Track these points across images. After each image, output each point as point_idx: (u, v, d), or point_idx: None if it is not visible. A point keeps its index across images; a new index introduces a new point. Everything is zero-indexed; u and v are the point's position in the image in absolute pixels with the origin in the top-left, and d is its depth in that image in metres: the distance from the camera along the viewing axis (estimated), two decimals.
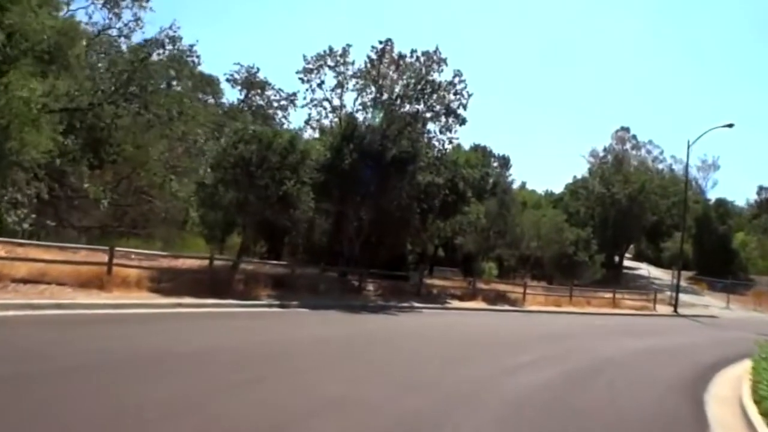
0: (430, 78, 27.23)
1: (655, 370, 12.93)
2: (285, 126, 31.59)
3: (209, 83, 48.85)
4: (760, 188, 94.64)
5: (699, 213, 63.85)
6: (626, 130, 71.21)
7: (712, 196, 73.64)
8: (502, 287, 31.53)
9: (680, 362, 14.37)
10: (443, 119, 28.43)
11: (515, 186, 69.19)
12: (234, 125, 22.95)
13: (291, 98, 37.22)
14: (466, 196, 29.21)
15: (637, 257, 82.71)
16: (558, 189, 72.64)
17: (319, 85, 28.22)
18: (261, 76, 40.72)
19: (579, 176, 68.46)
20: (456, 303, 25.94)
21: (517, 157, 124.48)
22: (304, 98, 28.72)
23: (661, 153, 69.05)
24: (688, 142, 36.22)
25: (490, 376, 10.04)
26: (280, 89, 38.24)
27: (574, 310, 29.47)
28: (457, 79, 28.14)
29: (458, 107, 28.21)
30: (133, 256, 21.86)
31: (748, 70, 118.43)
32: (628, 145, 73.22)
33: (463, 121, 28.41)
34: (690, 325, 27.83)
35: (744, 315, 37.03)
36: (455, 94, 28.16)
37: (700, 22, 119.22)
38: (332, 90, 28.22)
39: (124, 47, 26.90)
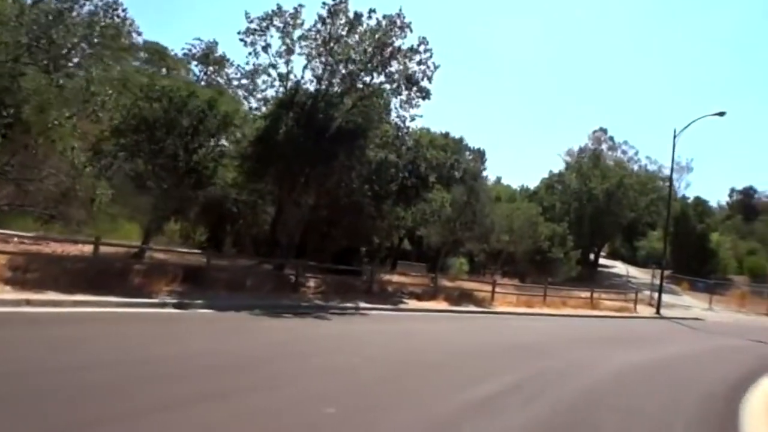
0: (390, 42, 23.49)
1: (665, 405, 9.41)
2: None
3: (162, 56, 44.79)
4: (732, 190, 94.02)
5: (677, 211, 61.14)
6: (604, 131, 68.49)
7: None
8: (469, 285, 28.07)
9: (690, 390, 10.85)
10: (404, 92, 24.77)
11: (490, 181, 66.42)
12: (139, 80, 18.98)
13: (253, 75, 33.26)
14: (428, 180, 25.63)
15: (612, 255, 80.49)
16: (534, 185, 69.62)
17: (264, 49, 24.27)
18: (222, 52, 36.47)
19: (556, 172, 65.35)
20: (413, 303, 22.33)
21: (494, 154, 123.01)
22: (246, 63, 24.85)
23: (636, 154, 66.42)
24: (675, 131, 33.16)
25: None
26: (240, 66, 34.15)
27: (548, 311, 26.11)
28: (422, 48, 24.54)
29: (422, 78, 24.60)
30: (16, 239, 18.02)
31: (723, 75, 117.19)
32: (604, 146, 70.37)
33: (426, 94, 24.74)
34: (678, 330, 24.61)
35: (729, 317, 34.07)
36: (419, 63, 24.52)
37: (679, 26, 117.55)
38: (279, 55, 24.35)
39: None
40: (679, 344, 18.85)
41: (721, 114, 31.58)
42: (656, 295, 34.90)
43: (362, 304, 19.68)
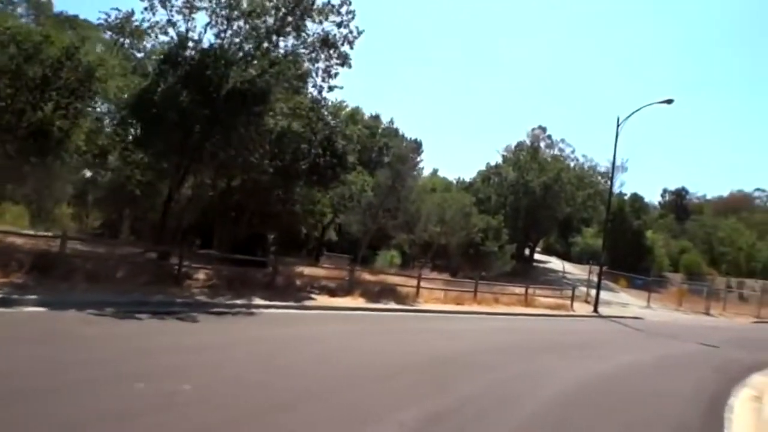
0: None
1: None
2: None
3: (73, 24, 40.37)
4: (665, 191, 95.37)
5: (614, 207, 60.05)
6: (542, 129, 66.75)
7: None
8: (393, 279, 25.20)
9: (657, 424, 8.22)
10: (322, 58, 21.72)
11: (427, 172, 64.10)
12: None
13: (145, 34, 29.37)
14: (346, 159, 22.60)
15: (547, 251, 79.48)
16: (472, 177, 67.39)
17: (163, 3, 20.71)
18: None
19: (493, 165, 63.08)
20: (322, 299, 19.24)
21: (434, 148, 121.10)
22: (143, 20, 21.25)
23: (573, 152, 64.73)
24: (618, 119, 30.91)
25: None
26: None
27: (479, 309, 23.50)
28: (344, 9, 21.59)
29: (342, 43, 21.63)
30: None
31: (664, 80, 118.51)
32: (542, 144, 68.64)
33: (345, 60, 21.79)
34: (620, 332, 22.29)
35: (669, 315, 32.34)
36: (339, 26, 21.56)
37: (617, 28, 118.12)
38: (177, 11, 20.85)
39: None
40: (626, 351, 16.28)
41: (669, 102, 29.63)
42: (593, 291, 33.03)
43: (257, 301, 16.52)
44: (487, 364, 11.32)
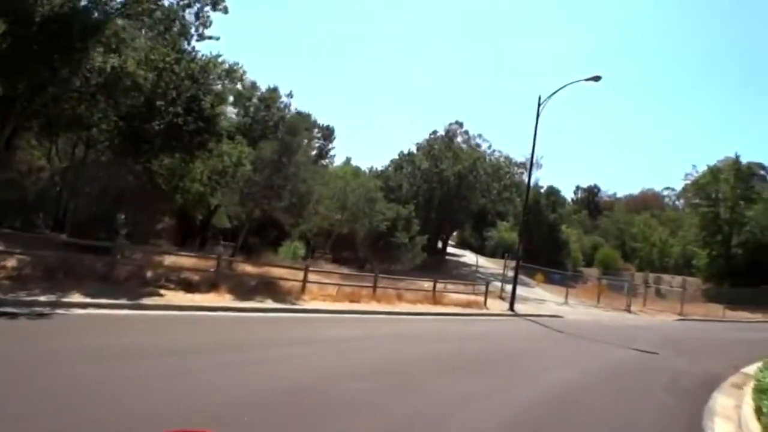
0: None
1: None
2: None
3: None
4: (577, 188, 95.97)
5: (530, 199, 57.95)
6: (459, 124, 63.86)
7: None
8: (278, 272, 21.15)
9: None
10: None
11: (339, 161, 60.39)
12: None
13: None
14: (216, 123, 18.26)
15: (461, 245, 77.26)
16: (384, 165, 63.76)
17: None
18: None
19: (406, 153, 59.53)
20: (174, 296, 14.87)
21: (351, 139, 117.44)
22: None
23: (490, 147, 62.17)
24: (539, 98, 27.84)
25: None
26: None
27: (377, 308, 19.77)
28: None
29: None
30: None
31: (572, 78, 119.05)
32: (459, 138, 65.88)
33: (216, 4, 17.59)
34: (541, 335, 18.96)
35: (588, 313, 29.70)
36: None
37: (535, 27, 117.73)
38: None
39: None
40: (553, 363, 12.72)
41: (597, 79, 26.71)
42: (508, 287, 30.23)
43: (75, 298, 12.23)
44: (361, 400, 7.46)
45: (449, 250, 65.33)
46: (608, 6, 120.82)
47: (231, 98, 20.28)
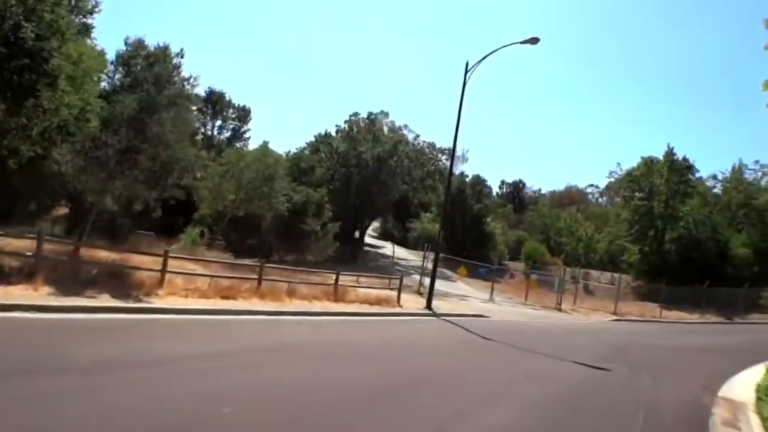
0: None
1: None
2: None
3: None
4: (503, 182, 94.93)
5: (454, 187, 54.55)
6: (385, 114, 59.83)
7: None
8: (138, 259, 16.52)
9: None
10: None
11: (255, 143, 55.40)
12: None
13: None
14: (45, 61, 13.28)
15: (384, 236, 73.49)
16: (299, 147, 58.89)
17: None
18: None
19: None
20: None
21: (271, 125, 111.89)
22: None
23: (416, 138, 58.25)
24: (467, 64, 23.86)
25: None
26: None
27: (257, 306, 15.30)
28: None
29: None
30: None
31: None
32: (385, 129, 61.88)
33: None
34: (461, 346, 14.81)
35: (517, 312, 26.12)
36: None
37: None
38: None
39: None
40: (480, 399, 8.33)
41: (534, 41, 22.88)
42: (427, 280, 26.56)
43: None
44: None
45: (370, 241, 61.50)
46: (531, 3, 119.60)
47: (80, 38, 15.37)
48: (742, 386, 11.96)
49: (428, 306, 21.93)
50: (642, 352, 16.75)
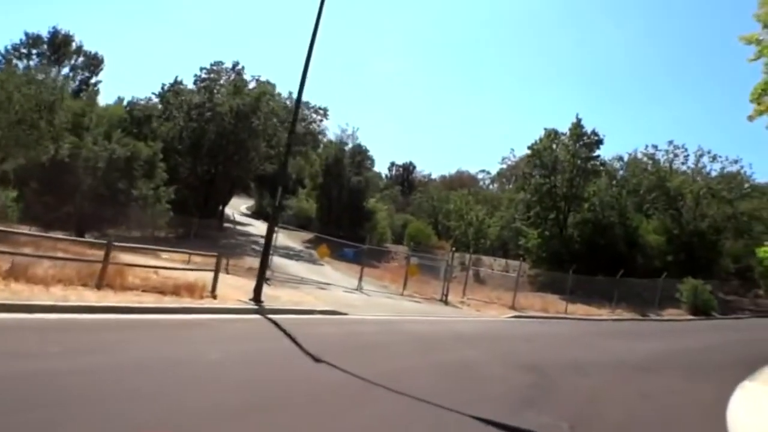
0: None
1: None
2: None
3: None
4: (392, 164, 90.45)
5: (330, 156, 47.41)
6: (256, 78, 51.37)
7: None
8: None
9: None
10: None
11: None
12: None
13: None
14: None
15: (258, 215, 65.49)
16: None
17: None
18: None
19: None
20: None
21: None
22: None
23: (289, 95, 50.19)
24: None
25: None
26: None
27: None
28: None
29: None
30: None
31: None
32: (252, 84, 53.40)
33: None
34: (267, 377, 7.64)
35: (389, 306, 19.35)
36: None
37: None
38: None
39: None
40: None
41: None
42: (287, 263, 18.96)
43: None
44: None
45: (241, 219, 53.24)
46: None
47: None
48: None
49: (256, 297, 14.65)
50: (571, 380, 10.29)
